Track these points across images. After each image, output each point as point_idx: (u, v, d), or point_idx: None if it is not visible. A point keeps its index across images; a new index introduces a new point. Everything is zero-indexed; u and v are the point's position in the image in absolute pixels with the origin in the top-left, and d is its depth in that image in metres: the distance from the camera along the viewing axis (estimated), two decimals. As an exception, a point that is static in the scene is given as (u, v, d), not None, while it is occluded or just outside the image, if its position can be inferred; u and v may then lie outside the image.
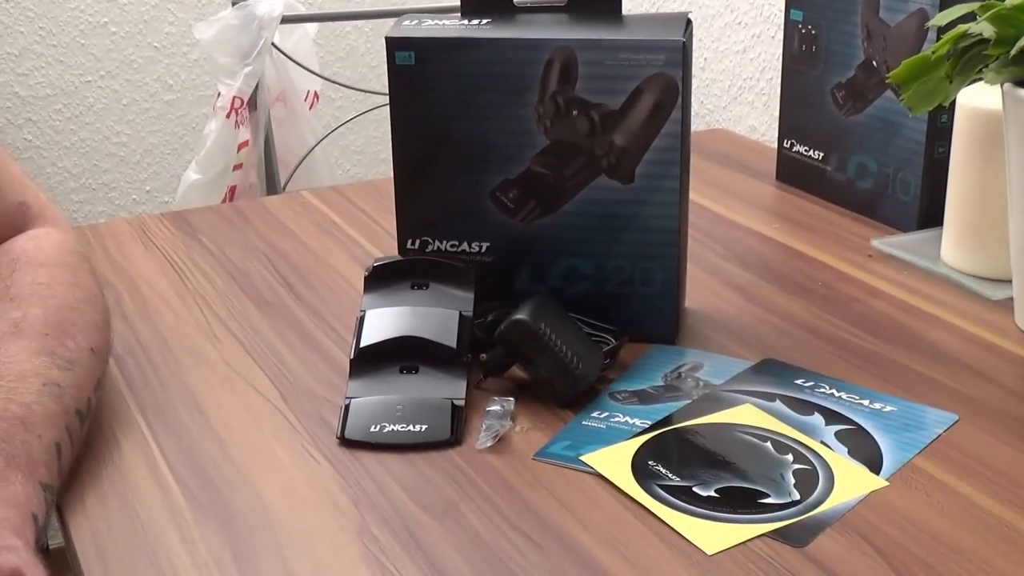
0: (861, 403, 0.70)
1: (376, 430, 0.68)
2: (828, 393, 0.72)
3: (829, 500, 0.61)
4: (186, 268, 0.94)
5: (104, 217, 2.18)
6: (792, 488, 0.62)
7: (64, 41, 2.08)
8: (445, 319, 0.73)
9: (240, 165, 1.69)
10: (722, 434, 0.67)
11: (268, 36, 1.64)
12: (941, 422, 0.69)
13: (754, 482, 0.62)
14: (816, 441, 0.66)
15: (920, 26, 0.93)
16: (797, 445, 0.65)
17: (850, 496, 0.61)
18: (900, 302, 0.86)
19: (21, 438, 0.60)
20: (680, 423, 0.68)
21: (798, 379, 0.73)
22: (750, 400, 0.70)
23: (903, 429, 0.68)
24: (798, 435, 0.66)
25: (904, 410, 0.70)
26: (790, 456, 0.64)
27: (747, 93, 1.42)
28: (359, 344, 0.72)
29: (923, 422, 0.69)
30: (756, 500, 0.61)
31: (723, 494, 0.61)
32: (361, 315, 0.74)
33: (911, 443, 0.66)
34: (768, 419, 0.68)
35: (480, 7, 0.79)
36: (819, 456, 0.64)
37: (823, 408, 0.70)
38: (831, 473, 0.63)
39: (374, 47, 2.25)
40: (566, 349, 0.71)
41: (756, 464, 0.64)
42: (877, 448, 0.66)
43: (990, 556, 0.57)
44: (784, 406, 0.70)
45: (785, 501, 0.61)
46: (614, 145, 0.76)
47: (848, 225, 1.01)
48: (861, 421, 0.68)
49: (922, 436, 0.67)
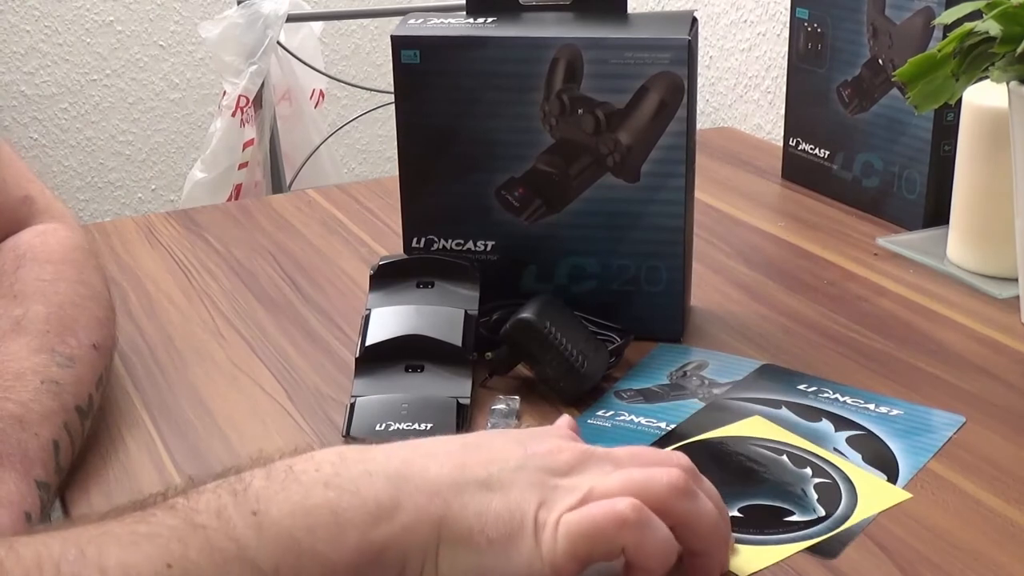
0: (867, 407, 0.70)
1: (381, 428, 0.68)
2: (832, 398, 0.71)
3: (855, 515, 0.59)
4: (192, 267, 0.94)
5: (110, 216, 2.18)
6: (816, 504, 0.60)
7: (70, 40, 2.09)
8: (450, 318, 0.73)
9: (246, 164, 1.69)
10: (737, 449, 0.65)
11: (273, 35, 1.64)
12: (950, 424, 0.68)
13: (777, 499, 0.61)
14: (830, 451, 0.65)
15: (926, 24, 0.93)
16: (814, 458, 0.64)
17: (874, 510, 0.60)
18: (906, 300, 0.86)
19: (17, 437, 0.59)
20: (689, 437, 0.67)
21: (800, 384, 0.73)
22: (757, 409, 0.70)
23: (912, 433, 0.67)
24: (812, 447, 0.65)
25: (910, 413, 0.69)
26: (809, 470, 0.63)
27: (753, 91, 1.42)
28: (364, 342, 0.72)
29: (931, 425, 0.68)
30: (782, 518, 0.59)
31: (747, 513, 0.59)
32: (366, 313, 0.74)
33: (923, 447, 0.66)
34: (779, 431, 0.67)
35: (485, 6, 0.79)
36: (838, 469, 0.63)
37: (830, 414, 0.69)
38: (852, 487, 0.62)
39: (379, 45, 2.25)
40: (571, 348, 0.71)
41: (776, 480, 0.62)
42: (891, 453, 0.65)
43: (997, 555, 0.57)
44: (791, 413, 0.69)
45: (811, 518, 0.59)
46: (619, 144, 0.76)
47: (854, 223, 1.01)
48: (870, 426, 0.68)
49: (933, 440, 0.66)
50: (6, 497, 0.57)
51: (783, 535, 0.58)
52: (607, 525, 0.48)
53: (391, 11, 1.87)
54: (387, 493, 0.48)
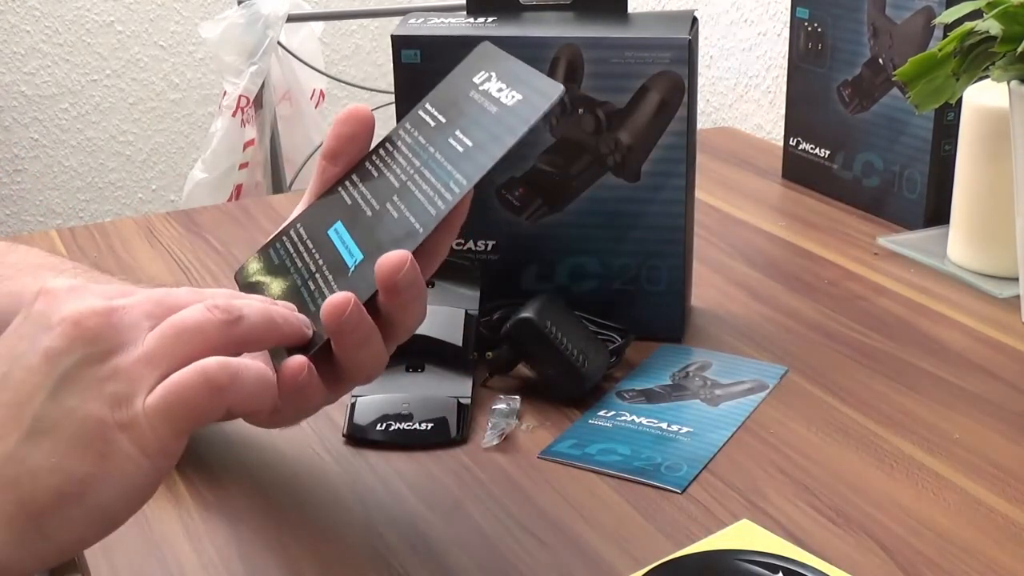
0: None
1: (382, 428, 0.68)
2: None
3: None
4: (192, 267, 0.94)
5: (110, 216, 2.18)
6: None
7: (70, 40, 2.09)
8: (451, 317, 0.73)
9: (246, 164, 1.69)
10: (727, 567, 0.56)
11: (274, 35, 1.64)
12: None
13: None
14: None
15: (926, 23, 0.93)
16: (812, 573, 0.56)
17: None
18: (906, 300, 0.86)
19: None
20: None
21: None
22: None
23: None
24: (810, 558, 0.57)
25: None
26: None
27: (753, 91, 1.42)
28: (365, 342, 0.72)
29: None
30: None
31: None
32: (367, 313, 0.74)
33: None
34: (772, 539, 0.59)
35: (486, 5, 0.79)
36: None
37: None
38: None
39: (380, 45, 2.25)
40: (572, 347, 0.71)
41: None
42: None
43: (997, 554, 0.57)
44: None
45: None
46: (620, 143, 0.76)
47: (854, 223, 1.01)
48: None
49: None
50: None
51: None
52: (199, 392, 0.44)
53: (391, 11, 1.87)
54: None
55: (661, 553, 0.57)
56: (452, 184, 0.51)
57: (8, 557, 0.43)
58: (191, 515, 0.61)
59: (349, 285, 0.51)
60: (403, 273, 0.49)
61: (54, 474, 0.43)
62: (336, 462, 0.66)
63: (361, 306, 0.49)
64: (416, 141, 0.56)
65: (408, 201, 0.53)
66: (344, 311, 0.48)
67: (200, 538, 0.59)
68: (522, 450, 0.67)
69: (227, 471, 0.65)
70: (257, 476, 0.65)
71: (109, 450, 0.43)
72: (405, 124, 0.58)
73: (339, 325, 0.48)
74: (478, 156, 0.52)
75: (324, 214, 0.56)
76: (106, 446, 0.43)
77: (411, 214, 0.52)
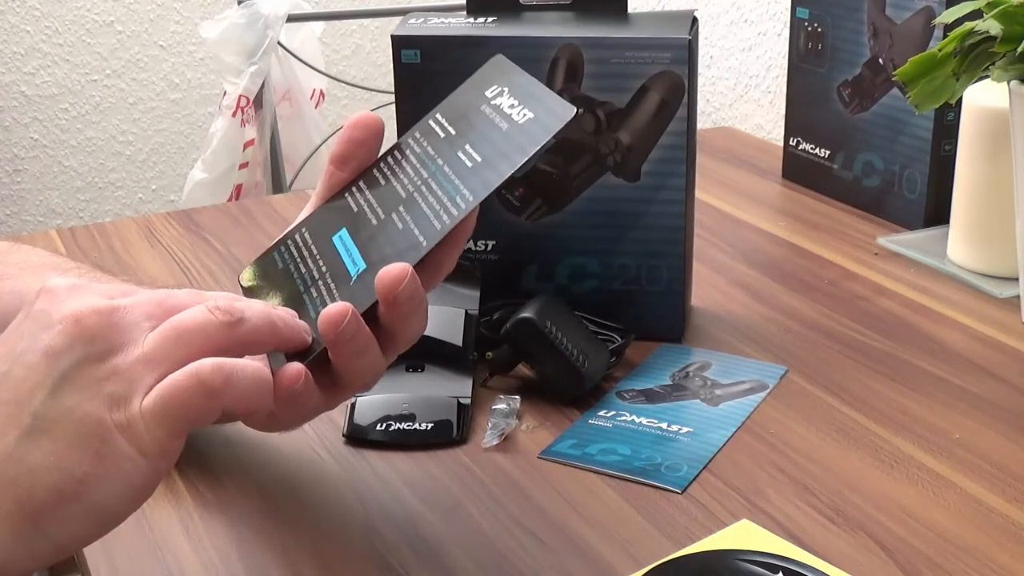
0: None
1: (382, 428, 0.68)
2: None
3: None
4: (192, 267, 0.94)
5: (110, 216, 2.18)
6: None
7: (70, 40, 2.09)
8: (451, 317, 0.73)
9: (246, 164, 1.69)
10: (726, 567, 0.56)
11: (274, 35, 1.64)
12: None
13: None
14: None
15: (926, 23, 0.93)
16: (812, 573, 0.56)
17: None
18: (906, 300, 0.86)
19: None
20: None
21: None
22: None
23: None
24: (810, 558, 0.57)
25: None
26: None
27: (753, 91, 1.42)
28: (365, 342, 0.72)
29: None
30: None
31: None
32: (367, 313, 0.74)
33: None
34: (772, 539, 0.59)
35: (486, 5, 0.79)
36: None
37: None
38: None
39: (380, 45, 2.25)
40: (572, 347, 0.71)
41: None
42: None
43: (997, 554, 0.57)
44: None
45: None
46: (620, 143, 0.76)
47: (854, 223, 1.01)
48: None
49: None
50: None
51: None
52: (193, 394, 0.44)
53: (391, 11, 1.87)
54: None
55: (661, 553, 0.57)
56: (459, 199, 0.51)
57: (7, 555, 0.43)
58: (191, 515, 0.61)
59: (350, 293, 0.51)
60: (403, 286, 0.49)
61: (53, 473, 0.43)
62: (336, 462, 0.66)
63: (359, 317, 0.49)
64: (425, 151, 0.56)
65: (414, 213, 0.53)
66: (341, 322, 0.48)
67: (200, 538, 0.59)
68: (522, 450, 0.67)
69: (227, 471, 0.65)
70: (257, 476, 0.65)
71: (107, 450, 0.43)
72: (415, 133, 0.58)
73: (336, 335, 0.48)
74: (486, 173, 0.52)
75: (330, 220, 0.56)
76: (104, 446, 0.43)
77: (416, 226, 0.52)
